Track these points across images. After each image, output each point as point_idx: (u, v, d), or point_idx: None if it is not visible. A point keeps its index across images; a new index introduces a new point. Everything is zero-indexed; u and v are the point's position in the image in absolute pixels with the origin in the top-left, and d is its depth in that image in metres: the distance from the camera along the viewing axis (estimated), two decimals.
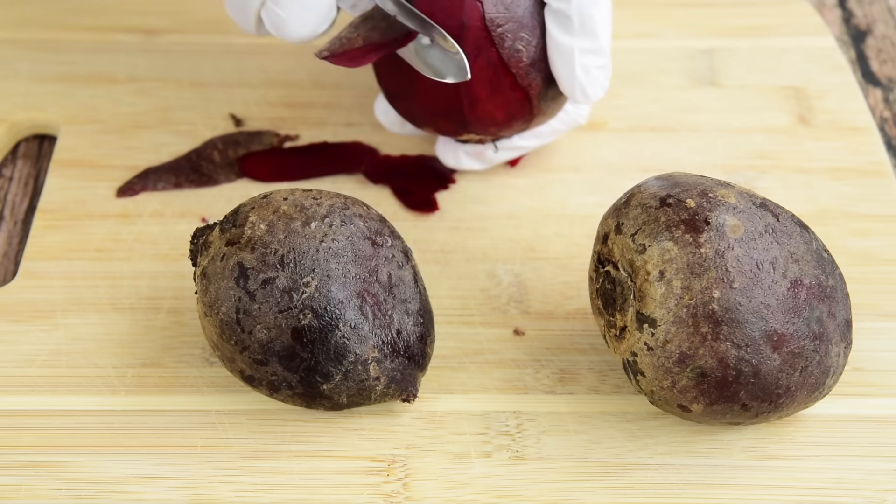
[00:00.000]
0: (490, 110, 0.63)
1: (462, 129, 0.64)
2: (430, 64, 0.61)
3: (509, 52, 0.61)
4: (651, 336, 0.53)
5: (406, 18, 0.61)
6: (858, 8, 0.83)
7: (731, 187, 0.55)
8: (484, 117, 0.63)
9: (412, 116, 0.65)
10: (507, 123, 0.64)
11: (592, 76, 0.61)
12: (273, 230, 0.55)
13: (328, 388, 0.55)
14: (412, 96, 0.63)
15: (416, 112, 0.64)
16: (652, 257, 0.53)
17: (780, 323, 0.52)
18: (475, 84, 0.61)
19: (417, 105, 0.63)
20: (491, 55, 0.61)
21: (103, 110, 0.72)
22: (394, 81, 0.64)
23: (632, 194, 0.56)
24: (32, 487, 0.55)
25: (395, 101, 0.65)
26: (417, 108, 0.64)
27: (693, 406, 0.53)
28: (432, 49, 0.61)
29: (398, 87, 0.64)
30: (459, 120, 0.63)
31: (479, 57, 0.61)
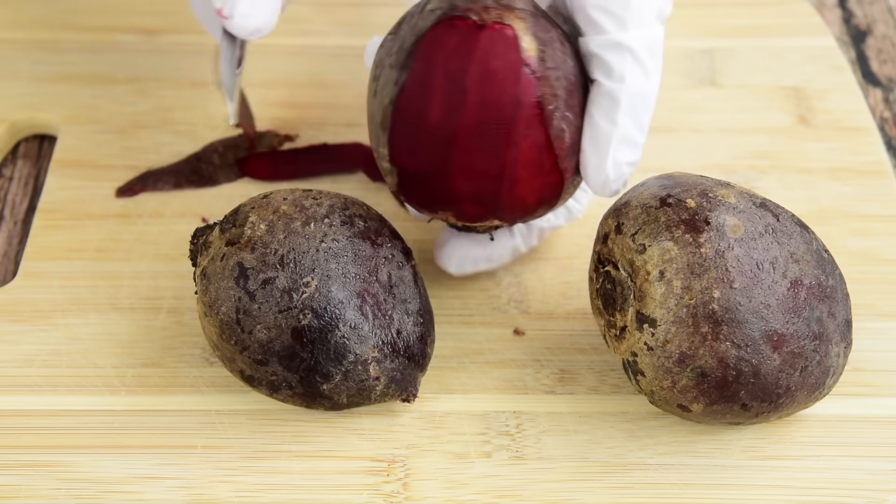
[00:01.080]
0: (525, 194, 0.57)
1: (490, 213, 0.57)
2: None
3: (556, 132, 0.56)
4: (651, 336, 0.53)
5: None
6: (858, 8, 0.83)
7: (731, 187, 0.55)
8: (518, 201, 0.57)
9: (431, 200, 0.58)
10: (535, 209, 0.58)
11: (620, 171, 0.56)
12: (273, 230, 0.55)
13: (328, 388, 0.55)
14: (444, 176, 0.56)
15: (439, 194, 0.57)
16: (652, 257, 0.53)
17: (780, 323, 0.52)
18: (519, 165, 0.56)
19: (447, 186, 0.56)
20: (539, 135, 0.55)
21: (103, 110, 0.72)
22: (419, 159, 0.56)
23: (631, 195, 0.56)
24: (32, 487, 0.55)
25: (414, 180, 0.57)
26: (447, 189, 0.57)
27: (693, 406, 0.53)
28: None
29: (426, 164, 0.56)
30: (491, 203, 0.57)
31: (528, 137, 0.55)
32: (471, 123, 0.55)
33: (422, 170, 0.56)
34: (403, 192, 0.58)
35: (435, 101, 0.55)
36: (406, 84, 0.55)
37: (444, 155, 0.55)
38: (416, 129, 0.55)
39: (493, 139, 0.55)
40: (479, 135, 0.55)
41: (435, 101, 0.55)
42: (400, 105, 0.55)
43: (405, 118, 0.55)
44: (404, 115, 0.55)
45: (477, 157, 0.55)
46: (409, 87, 0.55)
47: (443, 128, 0.55)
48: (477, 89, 0.55)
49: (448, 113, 0.55)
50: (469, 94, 0.55)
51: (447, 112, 0.55)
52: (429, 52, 0.55)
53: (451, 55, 0.55)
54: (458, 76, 0.55)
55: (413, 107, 0.55)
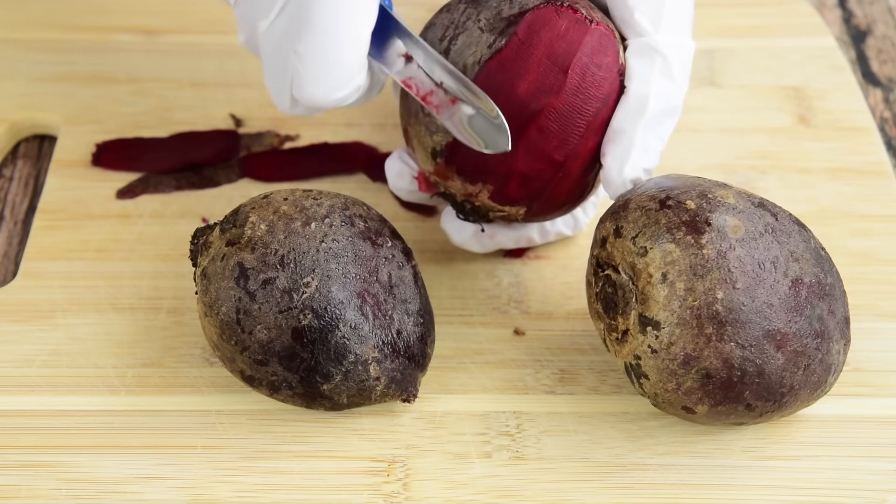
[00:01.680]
0: (567, 190, 0.58)
1: (527, 200, 0.58)
2: (476, 132, 0.56)
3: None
4: (655, 338, 0.53)
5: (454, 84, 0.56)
6: (858, 8, 0.83)
7: (729, 188, 0.55)
8: (558, 195, 0.58)
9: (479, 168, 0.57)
10: (560, 208, 0.59)
11: (636, 175, 0.57)
12: (273, 230, 0.55)
13: (328, 389, 0.55)
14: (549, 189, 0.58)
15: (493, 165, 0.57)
16: (654, 260, 0.53)
17: (782, 322, 0.52)
18: (579, 160, 0.57)
19: (506, 159, 0.57)
20: (600, 137, 0.57)
21: (103, 110, 0.72)
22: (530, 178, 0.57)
23: (629, 197, 0.55)
24: (32, 487, 0.55)
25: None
26: (504, 162, 0.57)
27: (698, 408, 0.53)
28: (477, 118, 0.56)
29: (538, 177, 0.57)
30: (537, 190, 0.58)
31: (597, 136, 0.57)
32: (559, 106, 0.56)
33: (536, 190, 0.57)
34: (452, 152, 0.57)
35: (529, 75, 0.56)
36: (504, 49, 0.56)
37: (519, 128, 0.56)
38: (500, 97, 0.56)
39: (573, 127, 0.56)
40: (562, 119, 0.56)
41: (530, 74, 0.56)
42: (490, 67, 0.56)
43: (491, 81, 0.56)
44: (491, 78, 0.56)
45: (550, 140, 0.56)
46: (507, 53, 0.56)
47: (529, 102, 0.56)
48: (577, 77, 0.56)
49: (539, 90, 0.56)
50: (569, 79, 0.56)
51: (539, 89, 0.56)
52: (535, 28, 0.56)
53: (559, 38, 0.56)
54: (562, 59, 0.56)
55: (505, 73, 0.56)
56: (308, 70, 0.55)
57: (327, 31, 0.55)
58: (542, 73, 0.56)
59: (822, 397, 0.56)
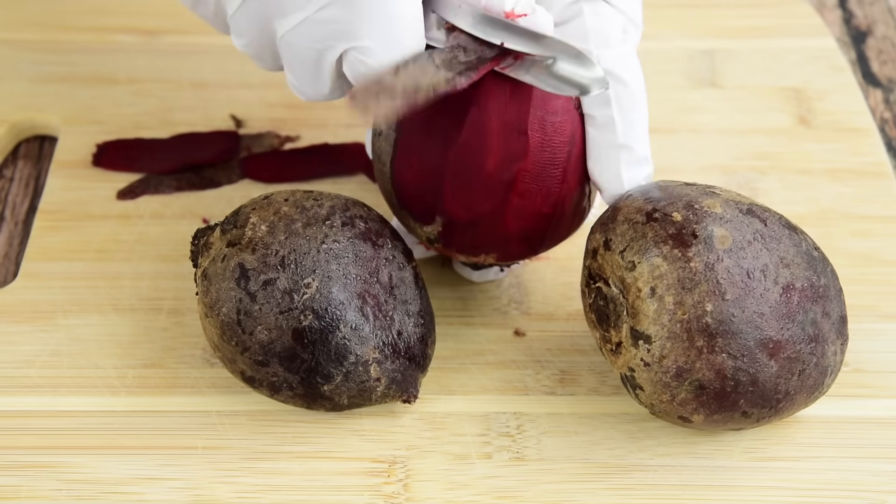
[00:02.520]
0: (567, 228, 0.58)
1: (532, 251, 0.58)
2: (568, 80, 0.53)
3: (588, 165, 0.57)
4: (647, 352, 0.53)
5: (517, 41, 0.53)
6: (859, 9, 0.83)
7: (717, 195, 0.55)
8: (559, 236, 0.58)
9: (477, 244, 0.57)
10: (563, 239, 0.59)
11: (637, 184, 0.56)
12: (274, 231, 0.55)
13: (329, 389, 0.55)
14: (497, 221, 0.56)
15: (488, 238, 0.57)
16: (642, 274, 0.53)
17: (774, 330, 0.52)
18: (568, 201, 0.57)
19: (499, 229, 0.56)
20: (582, 169, 0.57)
21: (104, 111, 0.72)
22: (474, 207, 0.56)
23: (616, 208, 0.55)
24: (33, 488, 0.55)
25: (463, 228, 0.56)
26: (498, 232, 0.56)
27: (694, 417, 0.53)
28: (559, 63, 0.53)
29: (480, 211, 0.56)
30: (537, 241, 0.58)
31: (577, 172, 0.56)
32: (531, 168, 0.55)
33: (474, 218, 0.56)
34: (446, 239, 0.57)
35: (492, 149, 0.55)
36: (462, 136, 0.55)
37: (501, 200, 0.55)
38: (472, 179, 0.55)
39: (551, 179, 0.56)
40: (538, 177, 0.55)
41: (492, 149, 0.55)
42: (453, 157, 0.55)
43: (460, 168, 0.55)
44: (459, 166, 0.55)
45: (534, 198, 0.56)
46: (465, 138, 0.55)
47: (501, 174, 0.55)
48: (537, 133, 0.55)
49: (506, 160, 0.55)
50: (530, 139, 0.55)
51: (505, 159, 0.55)
52: (482, 103, 0.55)
53: (508, 104, 0.55)
54: (517, 123, 0.55)
55: (469, 156, 0.55)
56: (379, 62, 0.54)
57: (395, 26, 0.53)
58: (503, 143, 0.55)
59: (822, 398, 0.56)
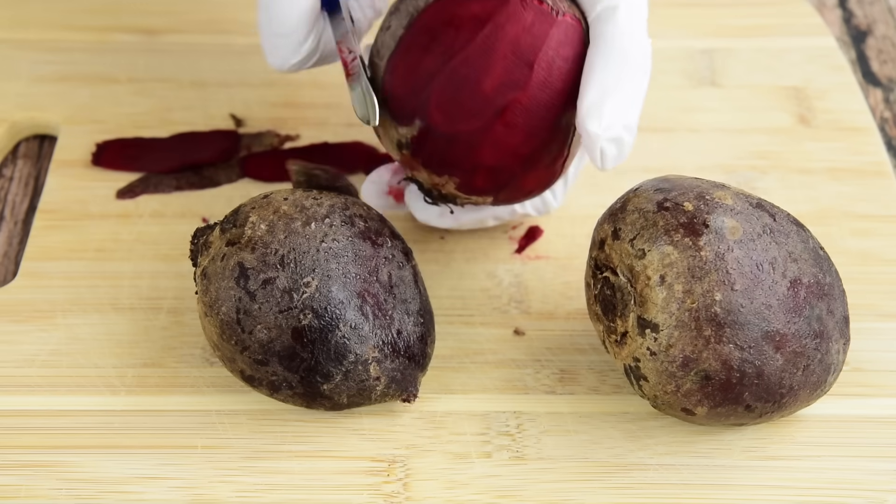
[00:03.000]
0: (535, 180, 0.58)
1: (494, 191, 0.58)
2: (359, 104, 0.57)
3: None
4: (654, 341, 0.53)
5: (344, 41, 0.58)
6: (859, 8, 0.83)
7: (727, 189, 0.55)
8: (525, 186, 0.58)
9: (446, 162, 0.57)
10: (527, 195, 0.59)
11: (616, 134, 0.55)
12: (273, 230, 0.55)
13: (328, 389, 0.55)
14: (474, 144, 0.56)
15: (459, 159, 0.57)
16: (652, 262, 0.53)
17: (781, 323, 0.52)
18: (546, 151, 0.57)
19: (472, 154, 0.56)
20: (569, 128, 0.57)
21: (103, 110, 0.72)
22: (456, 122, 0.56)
23: (627, 199, 0.55)
24: (33, 487, 0.55)
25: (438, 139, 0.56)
26: (470, 157, 0.56)
27: (697, 409, 0.53)
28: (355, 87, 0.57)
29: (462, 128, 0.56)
30: (504, 182, 0.57)
31: (566, 127, 0.57)
32: (525, 101, 0.55)
33: (454, 132, 0.56)
34: (418, 145, 0.57)
35: (494, 71, 0.55)
36: (469, 48, 0.55)
37: (485, 124, 0.55)
38: (465, 93, 0.55)
39: (539, 121, 0.56)
40: (528, 113, 0.55)
41: (495, 70, 0.55)
42: (453, 66, 0.55)
43: (455, 78, 0.55)
44: (455, 76, 0.55)
45: (516, 134, 0.56)
46: (471, 50, 0.55)
47: (495, 98, 0.55)
48: (543, 71, 0.55)
49: (505, 85, 0.55)
50: (534, 73, 0.55)
51: (504, 84, 0.55)
52: (500, 22, 0.55)
53: (525, 32, 0.55)
54: (527, 53, 0.55)
55: (468, 70, 0.55)
56: (265, 41, 0.59)
57: (274, 7, 0.58)
58: (507, 68, 0.55)
59: (822, 397, 0.56)
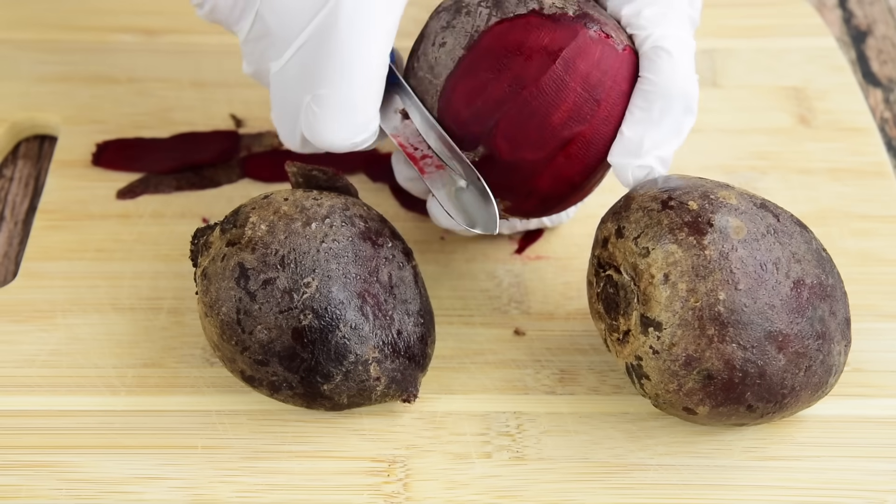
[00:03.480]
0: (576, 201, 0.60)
1: (540, 213, 0.59)
2: (464, 209, 0.56)
3: None
4: (657, 339, 0.53)
5: (447, 158, 0.56)
6: (859, 8, 0.83)
7: (732, 189, 0.55)
8: (568, 206, 0.59)
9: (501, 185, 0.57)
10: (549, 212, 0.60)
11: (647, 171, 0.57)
12: (274, 231, 0.55)
13: (329, 389, 0.55)
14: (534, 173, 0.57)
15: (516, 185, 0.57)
16: (656, 260, 0.53)
17: (784, 323, 0.52)
18: (594, 180, 0.58)
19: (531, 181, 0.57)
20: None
21: (104, 111, 0.72)
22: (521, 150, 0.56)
23: (631, 197, 0.55)
24: (33, 487, 0.55)
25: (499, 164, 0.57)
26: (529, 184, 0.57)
27: (699, 409, 0.53)
28: (467, 193, 0.56)
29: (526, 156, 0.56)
30: (551, 206, 0.59)
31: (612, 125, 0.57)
32: (588, 135, 0.56)
33: (516, 160, 0.56)
34: (478, 167, 0.57)
35: (564, 105, 0.55)
36: (540, 82, 0.55)
37: (549, 155, 0.56)
38: (533, 124, 0.56)
39: (597, 154, 0.57)
40: (589, 145, 0.56)
41: (565, 104, 0.55)
42: (523, 98, 0.56)
43: (525, 110, 0.56)
44: (525, 107, 0.56)
45: (575, 165, 0.57)
46: (543, 85, 0.55)
47: (562, 130, 0.56)
48: (608, 106, 0.56)
49: (572, 119, 0.56)
50: (601, 108, 0.56)
51: (571, 118, 0.56)
52: (570, 57, 0.55)
53: (594, 68, 0.56)
54: (596, 89, 0.56)
55: (539, 103, 0.55)
56: (327, 114, 0.56)
57: (348, 77, 0.55)
58: (576, 103, 0.56)
59: (823, 398, 0.56)
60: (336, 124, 0.56)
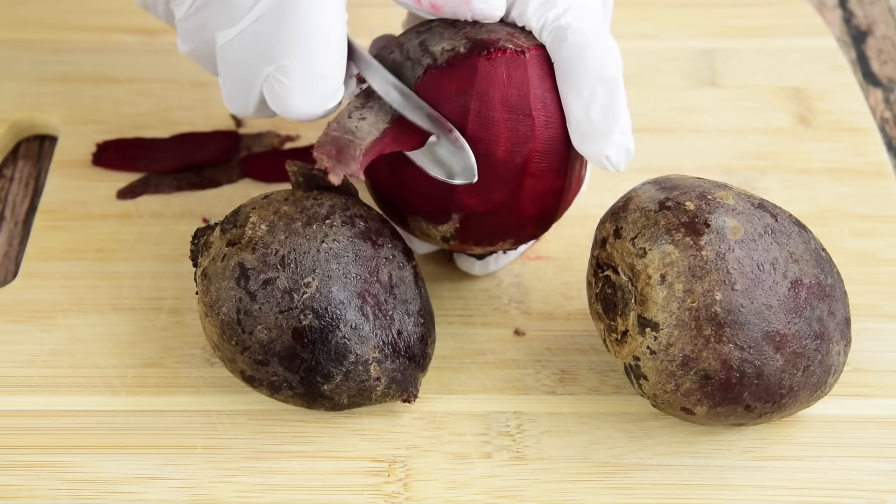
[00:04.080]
0: (569, 202, 0.59)
1: (543, 230, 0.59)
2: (440, 162, 0.55)
3: None
4: (654, 340, 0.53)
5: (412, 112, 0.55)
6: (859, 8, 0.83)
7: (729, 189, 0.55)
8: (562, 212, 0.59)
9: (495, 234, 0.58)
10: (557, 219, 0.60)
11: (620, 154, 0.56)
12: (274, 231, 0.55)
13: (329, 389, 0.55)
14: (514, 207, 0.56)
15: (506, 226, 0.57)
16: (653, 261, 0.53)
17: (781, 323, 0.52)
18: (573, 176, 0.58)
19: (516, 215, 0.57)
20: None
21: (104, 111, 0.72)
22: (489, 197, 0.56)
23: (629, 198, 0.55)
24: (33, 488, 0.55)
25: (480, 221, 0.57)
26: (515, 218, 0.57)
27: (697, 409, 0.53)
28: (440, 146, 0.55)
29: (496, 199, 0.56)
30: (549, 220, 0.59)
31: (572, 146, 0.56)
32: (540, 147, 0.55)
33: (491, 208, 0.56)
34: (463, 234, 0.57)
35: (501, 137, 0.55)
36: (468, 130, 0.55)
37: (516, 185, 0.56)
38: (484, 170, 0.55)
39: (557, 154, 0.56)
40: (547, 155, 0.56)
41: (501, 136, 0.55)
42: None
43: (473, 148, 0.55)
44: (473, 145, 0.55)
45: (545, 176, 0.56)
46: (472, 130, 0.55)
47: (513, 160, 0.55)
48: (541, 113, 0.55)
49: (515, 144, 0.55)
50: (535, 120, 0.55)
51: (514, 144, 0.55)
52: (480, 92, 0.55)
53: (508, 88, 0.55)
54: (521, 106, 0.55)
55: (479, 147, 0.55)
56: (296, 85, 0.55)
57: (315, 47, 0.54)
58: (511, 129, 0.55)
59: (823, 398, 0.56)
60: (303, 94, 0.55)
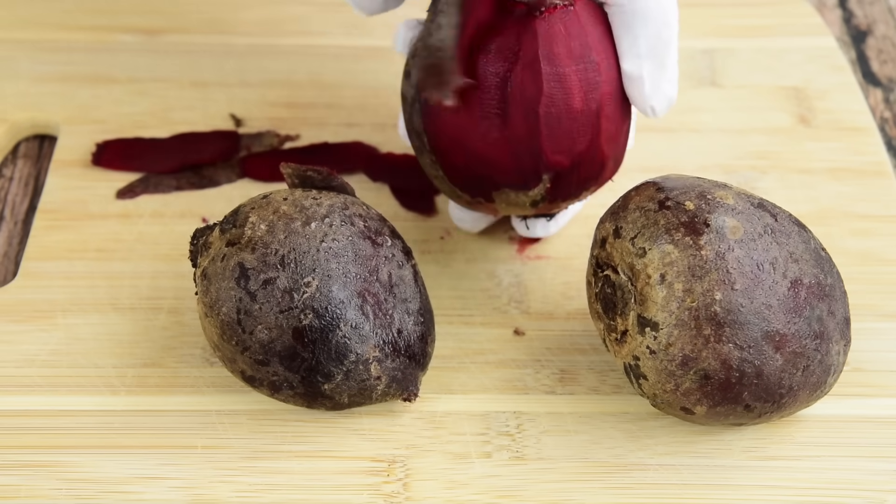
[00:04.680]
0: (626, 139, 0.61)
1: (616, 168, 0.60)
2: None
3: None
4: (653, 339, 0.53)
5: None
6: (859, 8, 0.83)
7: (729, 188, 0.55)
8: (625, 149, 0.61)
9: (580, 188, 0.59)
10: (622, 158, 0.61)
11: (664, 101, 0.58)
12: (273, 230, 0.55)
13: (329, 388, 0.55)
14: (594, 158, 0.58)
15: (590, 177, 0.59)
16: (652, 261, 0.53)
17: (781, 323, 0.52)
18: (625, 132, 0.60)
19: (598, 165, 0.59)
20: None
21: (104, 110, 0.72)
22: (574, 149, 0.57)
23: (628, 197, 0.56)
24: (32, 487, 0.55)
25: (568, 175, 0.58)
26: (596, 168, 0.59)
27: (696, 408, 0.53)
28: None
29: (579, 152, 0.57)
30: (621, 156, 0.60)
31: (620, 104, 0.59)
32: (608, 90, 0.57)
33: (576, 159, 0.58)
34: (554, 192, 0.58)
35: (575, 89, 0.56)
36: (544, 91, 0.56)
37: (594, 132, 0.57)
38: (565, 123, 0.57)
39: (621, 93, 0.58)
40: (614, 96, 0.58)
41: (574, 88, 0.56)
42: (543, 114, 0.56)
43: (551, 120, 0.56)
44: (550, 121, 0.57)
45: (616, 117, 0.58)
46: (548, 92, 0.56)
47: (588, 107, 0.57)
48: (602, 56, 0.57)
49: (588, 91, 0.57)
50: (600, 64, 0.57)
51: (587, 91, 0.57)
52: (548, 45, 0.56)
53: (568, 39, 0.56)
54: (585, 53, 0.57)
55: (555, 106, 0.56)
56: None
57: None
58: (581, 79, 0.56)
59: (823, 398, 0.56)
60: None
